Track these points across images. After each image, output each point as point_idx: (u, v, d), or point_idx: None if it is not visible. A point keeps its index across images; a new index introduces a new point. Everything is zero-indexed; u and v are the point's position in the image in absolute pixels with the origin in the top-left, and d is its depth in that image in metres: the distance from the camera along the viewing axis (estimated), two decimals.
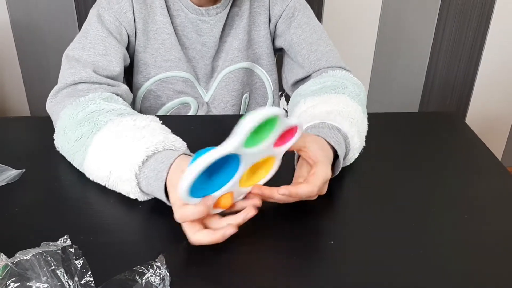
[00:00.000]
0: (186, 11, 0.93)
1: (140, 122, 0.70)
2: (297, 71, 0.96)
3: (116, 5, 0.88)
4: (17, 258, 0.53)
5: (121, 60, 0.87)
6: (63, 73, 0.83)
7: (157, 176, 0.63)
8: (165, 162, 0.64)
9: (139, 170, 0.65)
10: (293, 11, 0.96)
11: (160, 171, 0.63)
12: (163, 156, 0.65)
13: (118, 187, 0.68)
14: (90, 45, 0.85)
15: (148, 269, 0.55)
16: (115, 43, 0.87)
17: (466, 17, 1.75)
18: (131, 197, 0.68)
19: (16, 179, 0.72)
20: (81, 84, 0.81)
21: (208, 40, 0.95)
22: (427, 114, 1.33)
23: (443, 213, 0.69)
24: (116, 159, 0.67)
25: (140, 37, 0.92)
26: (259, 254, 0.61)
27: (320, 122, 0.73)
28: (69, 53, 0.86)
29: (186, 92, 0.98)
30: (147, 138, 0.67)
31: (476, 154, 0.86)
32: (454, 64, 1.84)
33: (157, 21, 0.91)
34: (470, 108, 1.94)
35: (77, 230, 0.62)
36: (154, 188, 0.64)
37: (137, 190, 0.66)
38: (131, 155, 0.66)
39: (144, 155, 0.65)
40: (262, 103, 1.07)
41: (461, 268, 0.60)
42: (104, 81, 0.82)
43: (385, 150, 0.85)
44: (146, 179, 0.65)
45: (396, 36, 1.78)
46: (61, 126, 0.76)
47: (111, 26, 0.87)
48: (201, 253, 0.60)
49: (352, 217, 0.69)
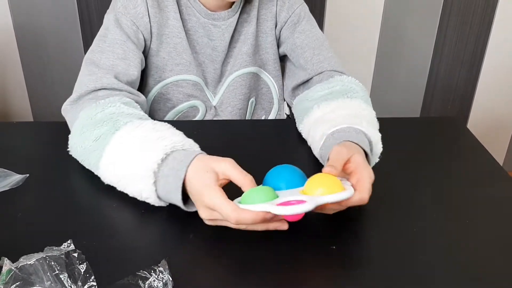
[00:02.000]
0: (198, 15, 0.93)
1: (160, 127, 0.72)
2: (298, 74, 0.97)
3: (132, 9, 0.89)
4: (21, 263, 0.53)
5: (139, 64, 0.89)
6: (83, 79, 0.83)
7: (176, 175, 0.64)
8: (184, 161, 0.64)
9: (158, 168, 0.66)
10: (298, 18, 0.98)
11: (179, 170, 0.64)
12: (182, 155, 0.66)
13: (132, 187, 0.68)
14: (109, 49, 0.86)
15: (151, 273, 0.55)
16: (133, 47, 0.88)
17: (468, 22, 1.75)
18: (142, 197, 0.67)
19: (19, 184, 0.73)
20: (102, 90, 0.81)
21: (218, 45, 0.96)
22: (429, 119, 1.33)
23: (445, 219, 0.70)
24: (135, 157, 0.68)
25: (154, 41, 0.92)
26: (261, 260, 0.61)
27: (346, 127, 0.75)
28: (88, 56, 0.86)
29: (195, 95, 0.99)
30: (168, 138, 0.69)
31: (477, 159, 0.86)
32: (455, 69, 1.85)
33: (169, 25, 0.92)
34: (471, 113, 1.94)
35: (80, 235, 0.62)
36: (172, 187, 0.64)
37: (152, 189, 0.66)
38: (150, 153, 0.67)
39: (163, 153, 0.66)
40: (267, 108, 1.08)
41: (464, 274, 0.60)
42: (125, 89, 0.83)
43: (387, 155, 0.85)
44: (165, 178, 0.65)
45: (398, 41, 1.78)
46: (78, 126, 0.76)
47: (129, 31, 0.88)
48: (204, 258, 0.60)
49: (353, 222, 0.69)
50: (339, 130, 0.74)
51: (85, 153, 0.74)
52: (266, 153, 0.84)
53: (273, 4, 0.98)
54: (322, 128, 0.78)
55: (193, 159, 0.65)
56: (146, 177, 0.66)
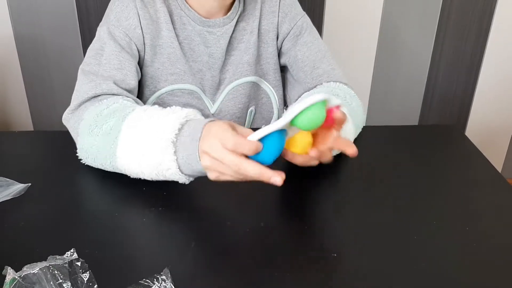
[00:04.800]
0: (194, 24, 0.94)
1: (166, 108, 0.75)
2: (298, 88, 0.99)
3: (125, 22, 0.90)
4: (24, 272, 0.53)
5: (135, 73, 0.90)
6: (82, 87, 0.84)
7: (193, 139, 0.67)
8: (198, 127, 0.67)
9: (176, 137, 0.68)
10: (300, 30, 0.99)
11: (196, 134, 0.67)
12: (195, 122, 0.69)
13: (152, 163, 0.70)
14: (106, 61, 0.87)
15: (154, 282, 0.55)
16: (128, 57, 0.89)
17: (465, 30, 1.76)
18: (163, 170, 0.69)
19: (22, 193, 0.73)
20: (102, 96, 0.82)
21: (215, 51, 0.97)
22: (427, 127, 1.34)
23: (445, 226, 0.70)
24: (151, 133, 0.70)
25: (148, 52, 0.93)
26: (263, 268, 0.61)
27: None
28: (84, 68, 0.87)
29: (192, 104, 1.00)
30: (178, 112, 0.72)
31: (476, 166, 0.87)
32: (453, 77, 1.86)
33: (163, 36, 0.93)
34: (469, 121, 1.95)
35: (83, 244, 0.62)
36: (190, 151, 0.67)
37: (173, 158, 0.68)
38: (166, 125, 0.70)
39: (179, 122, 0.69)
40: (267, 117, 1.09)
41: (463, 281, 0.61)
42: (124, 94, 0.84)
43: (385, 163, 0.86)
44: (183, 145, 0.68)
45: (396, 49, 1.79)
46: (85, 126, 0.77)
47: (123, 42, 0.89)
48: (206, 266, 0.61)
49: (354, 230, 0.69)
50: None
51: (98, 149, 0.75)
52: None
53: (274, 15, 0.99)
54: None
55: (207, 122, 0.68)
56: (166, 148, 0.68)
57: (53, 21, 1.62)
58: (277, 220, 0.68)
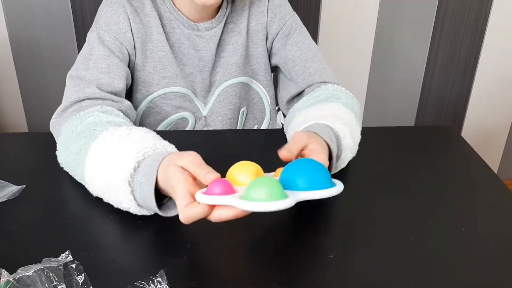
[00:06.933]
0: (182, 27, 0.94)
1: (136, 131, 0.71)
2: (291, 88, 0.99)
3: (115, 26, 0.90)
4: (18, 274, 0.53)
5: (124, 77, 0.89)
6: (67, 92, 0.84)
7: (148, 181, 0.63)
8: (154, 165, 0.63)
9: (131, 177, 0.65)
10: (289, 30, 0.99)
11: (151, 175, 0.63)
12: (152, 159, 0.65)
13: (114, 199, 0.68)
14: (93, 65, 0.86)
15: (149, 284, 0.55)
16: (117, 61, 0.88)
17: (460, 32, 1.77)
18: (124, 207, 0.67)
19: (16, 195, 0.73)
20: (86, 100, 0.82)
21: (204, 55, 0.97)
22: (423, 128, 1.34)
23: (441, 227, 0.70)
24: (110, 168, 0.67)
25: (139, 56, 0.93)
26: (259, 270, 0.61)
27: (314, 123, 0.77)
28: (72, 73, 0.87)
29: (184, 107, 0.99)
30: (139, 144, 0.68)
31: (472, 167, 0.87)
32: (449, 79, 1.86)
33: (153, 39, 0.93)
34: (465, 122, 1.95)
35: (78, 246, 0.62)
36: (146, 194, 0.63)
37: (131, 198, 0.65)
38: (123, 163, 0.66)
39: (135, 161, 0.65)
40: (259, 117, 1.08)
41: (459, 281, 0.61)
42: (108, 97, 0.83)
43: (382, 164, 0.86)
44: (140, 185, 0.64)
45: (392, 52, 1.80)
46: (62, 142, 0.76)
47: (113, 46, 0.89)
48: (201, 268, 0.60)
49: (351, 231, 0.69)
50: (307, 127, 0.76)
51: (72, 167, 0.75)
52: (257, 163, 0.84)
53: (263, 15, 0.99)
54: (295, 128, 0.80)
55: (162, 160, 0.64)
56: (122, 188, 0.65)
57: (48, 23, 1.62)
58: (273, 222, 0.68)
